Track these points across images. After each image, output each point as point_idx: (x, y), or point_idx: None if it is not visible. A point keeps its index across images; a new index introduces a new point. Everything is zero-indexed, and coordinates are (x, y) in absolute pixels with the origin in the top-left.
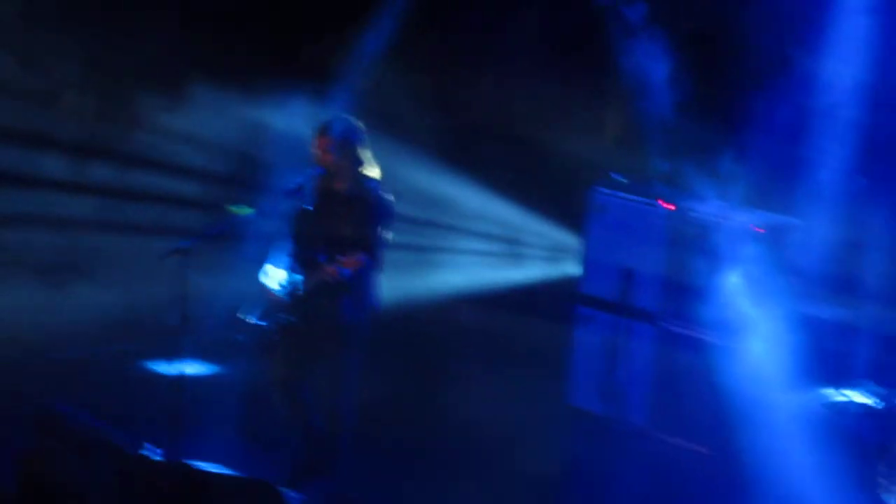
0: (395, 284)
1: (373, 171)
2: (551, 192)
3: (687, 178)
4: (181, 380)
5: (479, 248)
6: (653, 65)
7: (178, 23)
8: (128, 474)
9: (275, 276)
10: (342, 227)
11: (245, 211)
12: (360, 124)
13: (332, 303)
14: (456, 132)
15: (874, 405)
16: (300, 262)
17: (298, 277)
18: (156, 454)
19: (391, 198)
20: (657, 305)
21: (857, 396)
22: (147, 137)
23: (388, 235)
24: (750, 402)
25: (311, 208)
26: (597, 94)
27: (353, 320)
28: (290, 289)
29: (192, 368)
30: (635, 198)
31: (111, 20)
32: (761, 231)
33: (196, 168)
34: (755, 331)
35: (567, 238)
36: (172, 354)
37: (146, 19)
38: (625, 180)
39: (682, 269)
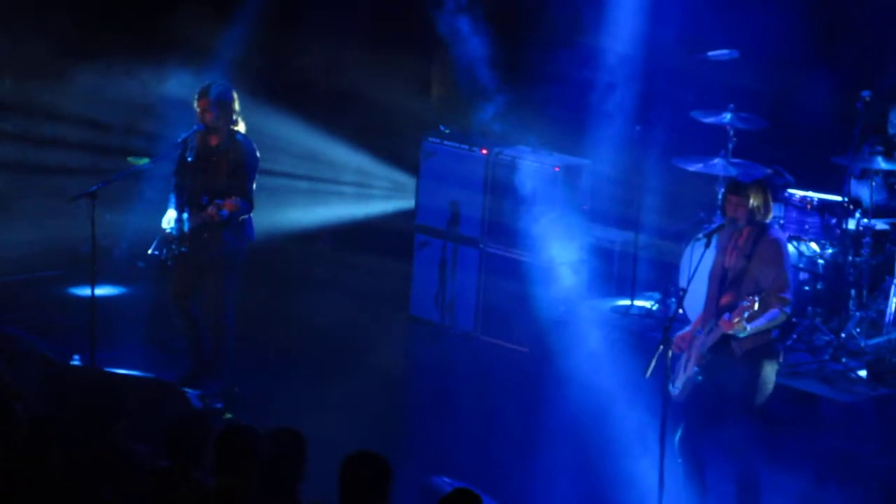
0: (266, 218)
1: (241, 126)
2: (391, 142)
3: (500, 128)
4: (95, 300)
5: (335, 187)
6: (472, 38)
7: (68, 22)
8: (55, 378)
9: (167, 216)
10: (219, 174)
11: (142, 162)
12: (232, 88)
13: (214, 236)
14: (313, 95)
15: (652, 308)
16: (186, 203)
17: (185, 216)
18: (78, 361)
19: (256, 148)
20: (479, 232)
21: (639, 302)
22: (59, 109)
23: (255, 179)
24: (557, 309)
25: (191, 159)
26: (425, 63)
27: (232, 250)
28: (179, 225)
29: (103, 290)
30: (457, 145)
31: (20, 23)
32: (557, 170)
33: (100, 132)
34: (558, 252)
35: (404, 179)
36: (87, 279)
37: (46, 21)
38: (449, 131)
39: (497, 203)
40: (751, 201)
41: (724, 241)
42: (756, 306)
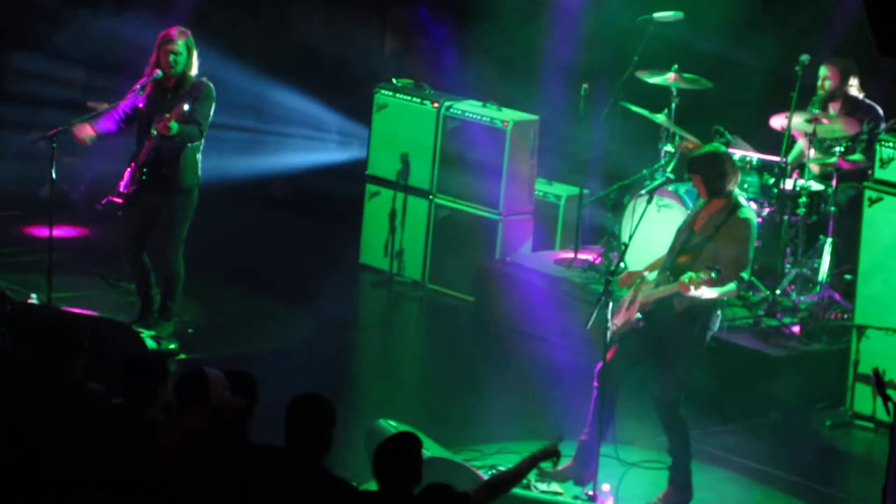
0: (221, 166)
1: (195, 70)
2: (346, 93)
3: (450, 82)
4: (53, 240)
5: (289, 135)
6: None
7: None
8: (14, 315)
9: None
10: (175, 106)
11: (101, 107)
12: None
13: (171, 172)
14: (271, 48)
15: (593, 260)
16: (140, 137)
17: (145, 170)
18: (36, 300)
19: (211, 84)
20: (428, 184)
21: (582, 255)
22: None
23: (210, 116)
24: (504, 262)
25: (143, 105)
26: (379, 18)
27: (186, 187)
28: (133, 159)
29: (61, 231)
30: (409, 98)
31: None
32: (506, 125)
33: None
34: (506, 204)
35: (357, 128)
36: (45, 221)
37: None
38: (400, 84)
39: (446, 155)
40: (703, 175)
41: (699, 206)
42: (712, 278)
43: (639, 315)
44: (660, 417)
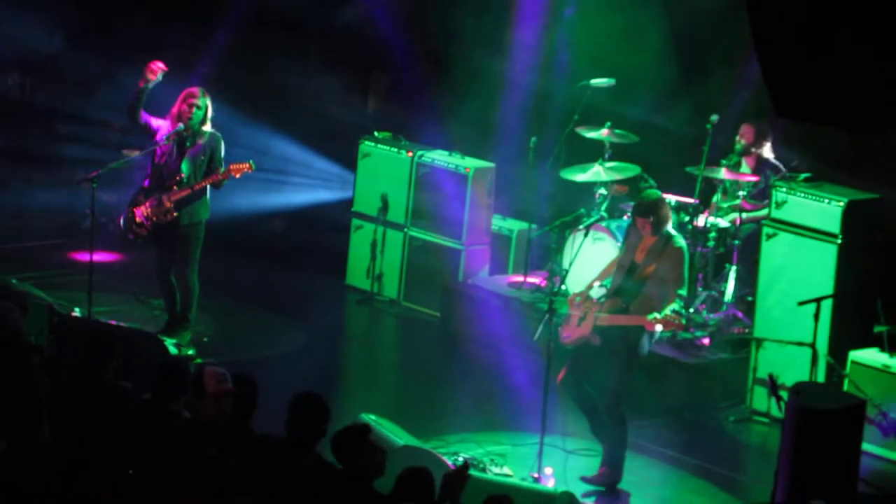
0: (229, 202)
1: (208, 126)
2: (334, 143)
3: (422, 134)
4: (93, 264)
5: (288, 179)
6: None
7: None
8: (60, 326)
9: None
10: (195, 157)
11: (133, 153)
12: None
13: (191, 207)
14: (277, 107)
15: (539, 283)
16: (160, 184)
17: (164, 195)
18: (78, 314)
19: (221, 136)
20: (404, 219)
21: (531, 279)
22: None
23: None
24: (466, 284)
25: (161, 151)
26: (363, 81)
27: (199, 220)
28: (158, 202)
29: (99, 257)
30: (388, 148)
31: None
32: (468, 171)
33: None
34: (468, 237)
35: (345, 173)
36: (87, 247)
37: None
38: (381, 136)
39: (419, 196)
40: (652, 219)
41: (635, 240)
42: (682, 325)
43: (597, 335)
44: (605, 409)
